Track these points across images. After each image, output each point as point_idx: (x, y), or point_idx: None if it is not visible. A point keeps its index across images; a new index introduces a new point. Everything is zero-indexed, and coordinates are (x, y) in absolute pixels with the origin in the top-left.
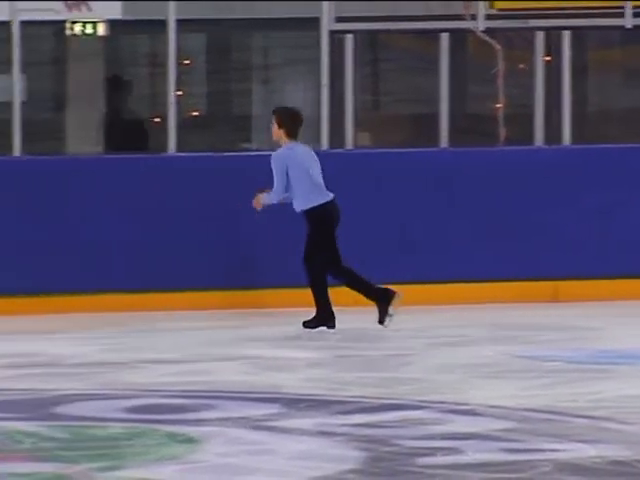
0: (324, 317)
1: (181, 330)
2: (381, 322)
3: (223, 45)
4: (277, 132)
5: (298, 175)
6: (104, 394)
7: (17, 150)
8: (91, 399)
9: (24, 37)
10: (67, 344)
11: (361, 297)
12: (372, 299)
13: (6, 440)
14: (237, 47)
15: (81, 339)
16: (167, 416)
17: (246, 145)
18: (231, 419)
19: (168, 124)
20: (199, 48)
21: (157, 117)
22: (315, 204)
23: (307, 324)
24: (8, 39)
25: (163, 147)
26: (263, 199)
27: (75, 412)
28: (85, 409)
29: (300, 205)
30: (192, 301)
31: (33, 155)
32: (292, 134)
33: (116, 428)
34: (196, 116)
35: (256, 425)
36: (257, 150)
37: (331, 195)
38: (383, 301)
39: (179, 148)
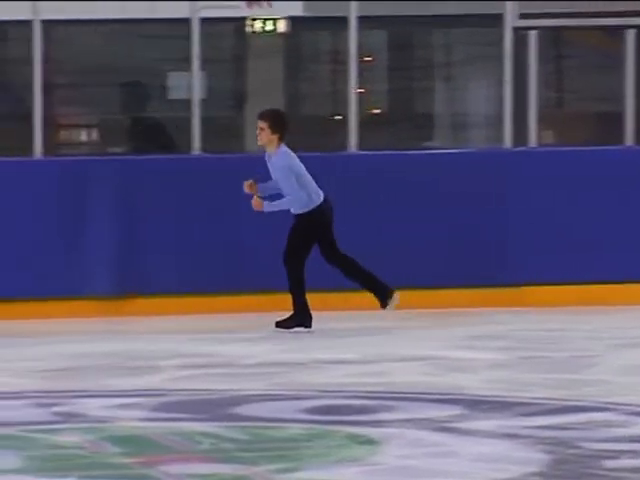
0: (302, 317)
1: (359, 330)
2: (384, 306)
3: (404, 42)
4: (269, 136)
5: (303, 179)
6: (282, 395)
7: (196, 148)
8: (269, 400)
9: (204, 34)
10: (242, 344)
11: (547, 298)
12: (370, 290)
13: (185, 441)
14: (419, 44)
15: (255, 339)
16: (347, 417)
17: (428, 144)
18: (412, 420)
19: (349, 122)
20: (380, 45)
21: (337, 115)
22: (313, 206)
23: (281, 324)
24: (188, 36)
25: (343, 145)
26: (267, 207)
27: (253, 413)
28: (263, 410)
29: (302, 207)
30: (369, 301)
31: (212, 154)
32: (284, 137)
33: (295, 429)
34: (377, 114)
35: (438, 427)
36: (439, 149)
37: (322, 193)
38: (381, 294)
39: (360, 146)
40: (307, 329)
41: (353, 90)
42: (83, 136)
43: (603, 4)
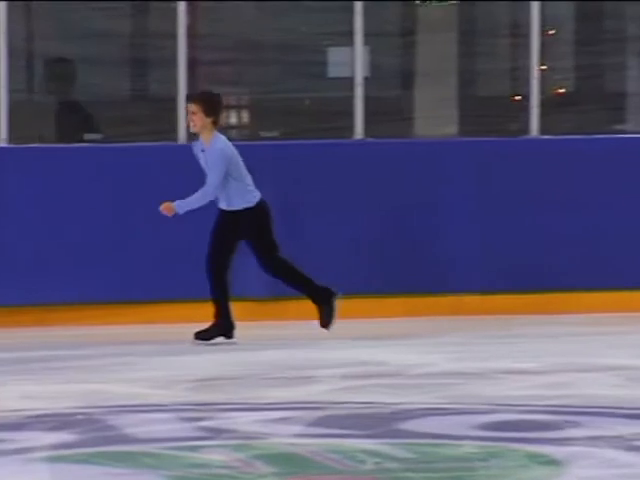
0: (224, 327)
1: (540, 336)
2: (325, 326)
3: (593, 12)
4: (203, 121)
5: (240, 170)
6: (455, 408)
7: (359, 133)
8: (440, 414)
9: (367, 5)
10: (412, 352)
11: None
12: (311, 297)
13: (346, 460)
14: (610, 15)
15: (427, 346)
16: (527, 434)
17: (620, 127)
18: (602, 438)
19: (530, 103)
20: (566, 16)
21: (517, 95)
22: (255, 202)
23: (200, 335)
24: (350, 7)
25: (523, 129)
26: (181, 206)
27: (422, 429)
28: (433, 425)
29: (240, 203)
30: (558, 304)
31: (377, 138)
32: (218, 122)
33: (469, 447)
34: (562, 94)
35: (631, 445)
36: (633, 133)
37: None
38: (325, 303)
39: (542, 130)
40: (229, 339)
41: (535, 67)
42: (232, 119)
43: None
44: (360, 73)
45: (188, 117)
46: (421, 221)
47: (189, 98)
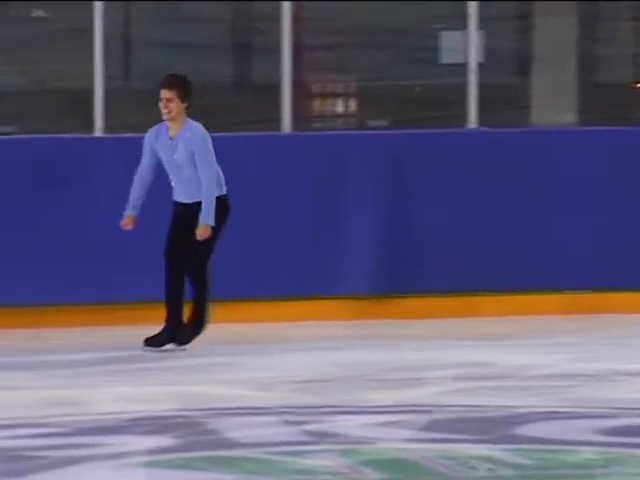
0: (174, 331)
1: None
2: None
3: None
4: (179, 107)
5: (214, 157)
6: (573, 412)
7: (473, 121)
8: (558, 418)
9: None
10: (527, 352)
11: None
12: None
13: (458, 466)
14: None
15: (543, 346)
16: None
17: None
18: None
19: None
20: None
21: (637, 82)
22: (223, 193)
23: (150, 342)
24: None
25: None
26: (208, 219)
27: (539, 433)
28: (550, 430)
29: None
30: None
31: (492, 127)
32: (191, 108)
33: (588, 453)
34: None
35: None
36: None
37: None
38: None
39: None
40: (180, 345)
41: None
42: (339, 107)
43: None
44: (474, 59)
45: (162, 104)
46: (537, 214)
47: (164, 84)
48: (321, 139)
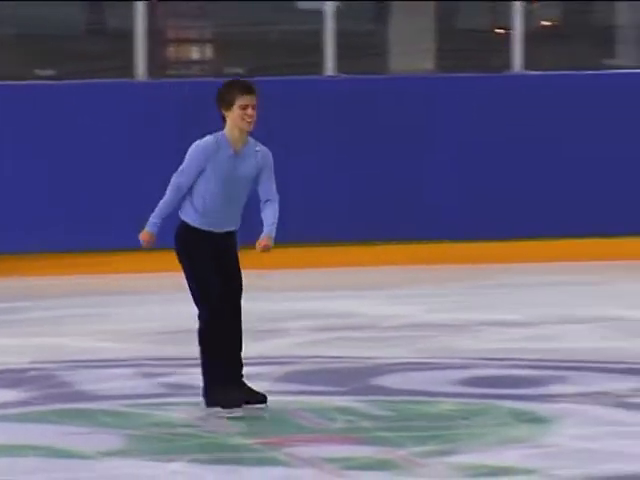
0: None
1: (526, 286)
2: None
3: None
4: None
5: None
6: (433, 363)
7: (330, 69)
8: (417, 369)
9: None
10: (387, 302)
11: None
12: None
13: (318, 418)
14: None
15: (403, 297)
16: (510, 390)
17: (609, 62)
18: (588, 395)
19: (513, 36)
20: None
21: (500, 28)
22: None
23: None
24: None
25: (507, 64)
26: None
27: (399, 385)
28: (410, 381)
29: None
30: (539, 251)
31: (349, 74)
32: None
33: (449, 404)
34: (548, 27)
35: (619, 402)
36: (622, 68)
37: None
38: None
39: (526, 65)
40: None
41: None
42: (195, 54)
43: None
44: (331, 5)
45: (250, 112)
46: (400, 164)
47: (250, 89)
48: (177, 86)
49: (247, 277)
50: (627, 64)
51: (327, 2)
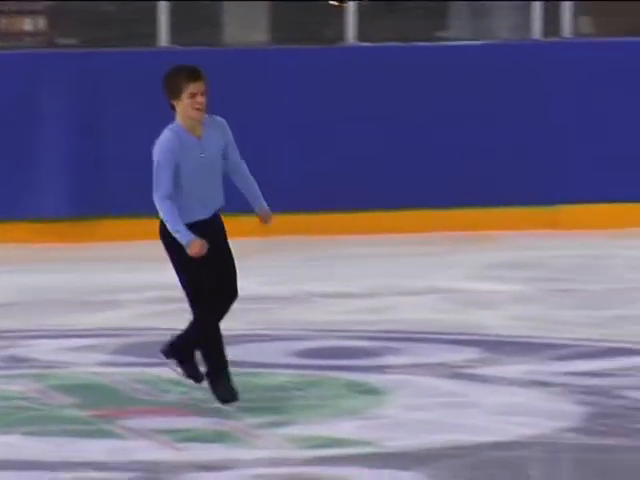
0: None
1: (361, 257)
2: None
3: None
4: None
5: None
6: (267, 335)
7: (163, 40)
8: (252, 341)
9: None
10: None
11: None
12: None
13: (152, 390)
14: None
15: (237, 269)
16: (345, 362)
17: (441, 34)
18: (422, 366)
19: (347, 8)
20: None
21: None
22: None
23: None
24: None
25: (340, 36)
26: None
27: (233, 357)
28: (246, 353)
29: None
30: (370, 224)
31: (184, 46)
32: None
33: (284, 376)
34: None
35: (453, 373)
36: (454, 40)
37: None
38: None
39: (360, 37)
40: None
41: None
42: (28, 25)
43: None
44: None
45: (200, 100)
46: (243, 134)
47: (198, 76)
48: (10, 58)
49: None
50: (460, 36)
51: None
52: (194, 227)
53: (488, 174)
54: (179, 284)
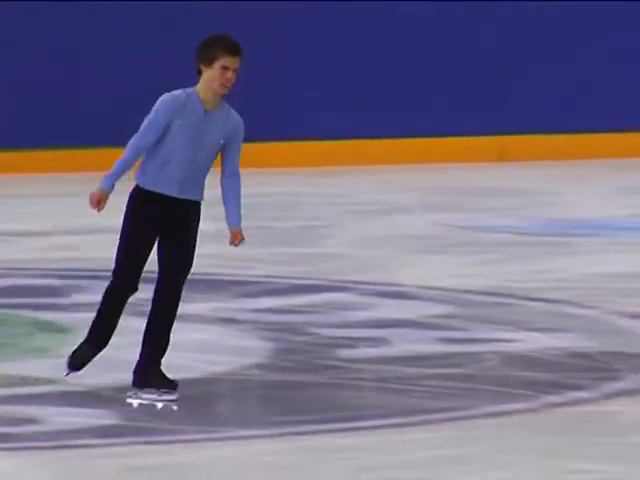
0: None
1: (47, 196)
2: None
3: None
4: None
5: None
6: None
7: None
8: None
9: None
10: None
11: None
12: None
13: None
14: None
15: None
16: (33, 300)
17: None
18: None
19: None
20: None
21: None
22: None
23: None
24: None
25: None
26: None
27: None
28: None
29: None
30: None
31: None
32: None
33: None
34: None
35: (144, 311)
36: None
37: None
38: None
39: None
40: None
41: None
42: None
43: None
44: None
45: (229, 76)
46: None
47: (237, 51)
48: None
49: None
50: None
51: None
52: (162, 204)
53: None
54: None
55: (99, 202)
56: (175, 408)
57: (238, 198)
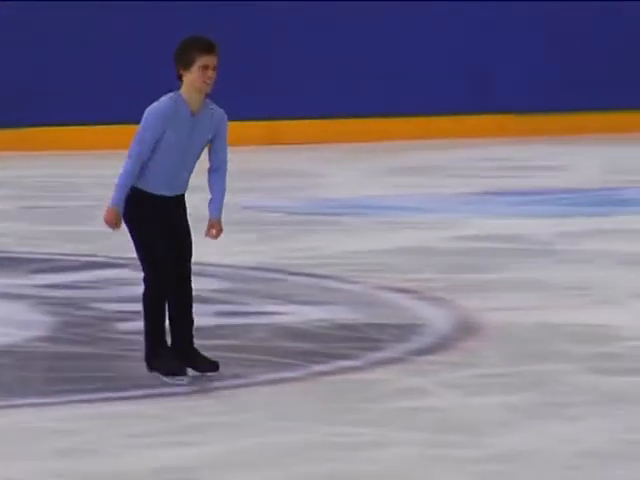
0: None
1: None
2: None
3: None
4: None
5: None
6: None
7: None
8: None
9: None
10: None
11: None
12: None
13: None
14: None
15: None
16: None
17: None
18: None
19: None
20: None
21: None
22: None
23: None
24: None
25: None
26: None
27: None
28: None
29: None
30: None
31: None
32: None
33: None
34: None
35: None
36: None
37: None
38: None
39: None
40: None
41: None
42: None
43: None
44: None
45: (210, 74)
46: None
47: (212, 49)
48: None
49: None
50: None
51: None
52: (157, 200)
53: None
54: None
55: (116, 222)
56: None
57: (222, 193)
